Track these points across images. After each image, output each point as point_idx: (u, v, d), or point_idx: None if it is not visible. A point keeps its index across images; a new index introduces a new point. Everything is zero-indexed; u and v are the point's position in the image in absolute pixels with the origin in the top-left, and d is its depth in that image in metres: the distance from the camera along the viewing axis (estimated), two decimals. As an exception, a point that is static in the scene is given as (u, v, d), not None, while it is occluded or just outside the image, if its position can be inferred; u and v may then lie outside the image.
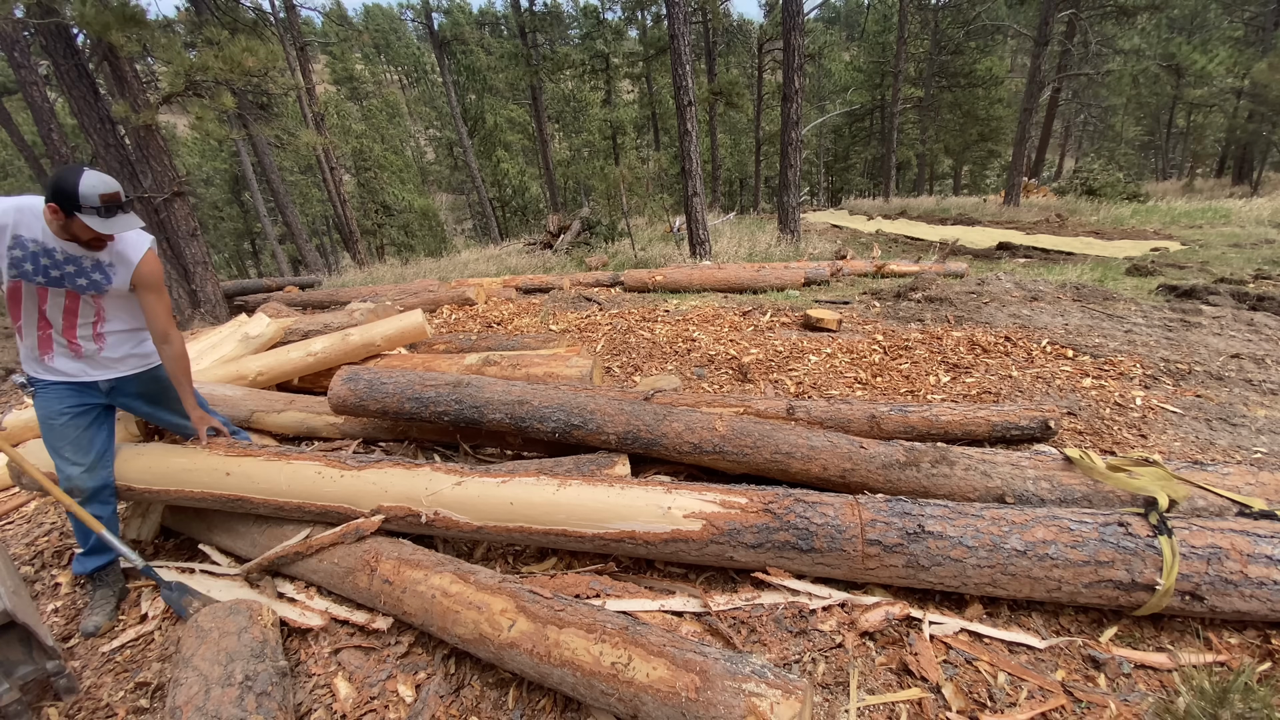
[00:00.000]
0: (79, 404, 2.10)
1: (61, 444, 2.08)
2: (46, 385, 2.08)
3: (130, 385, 2.21)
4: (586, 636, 1.45)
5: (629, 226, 12.18)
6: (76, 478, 2.08)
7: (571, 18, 30.70)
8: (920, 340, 4.06)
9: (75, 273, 1.96)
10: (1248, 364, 3.36)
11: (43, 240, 1.90)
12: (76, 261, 1.96)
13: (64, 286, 1.97)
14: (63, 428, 2.07)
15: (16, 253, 1.89)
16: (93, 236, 1.89)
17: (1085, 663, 1.55)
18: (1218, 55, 16.27)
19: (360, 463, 2.12)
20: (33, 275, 1.91)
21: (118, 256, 2.02)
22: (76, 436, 2.09)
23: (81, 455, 2.09)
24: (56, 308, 2.00)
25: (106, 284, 2.02)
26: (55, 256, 1.93)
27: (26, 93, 8.51)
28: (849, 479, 2.09)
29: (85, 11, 5.71)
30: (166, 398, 2.30)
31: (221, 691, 1.51)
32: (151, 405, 2.30)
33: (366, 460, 2.15)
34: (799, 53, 10.25)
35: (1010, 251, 10.58)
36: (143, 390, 2.25)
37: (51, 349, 2.04)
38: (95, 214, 1.82)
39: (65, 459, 2.08)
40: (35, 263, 1.91)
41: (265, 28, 12.90)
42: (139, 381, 2.23)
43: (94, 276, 1.99)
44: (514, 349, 3.92)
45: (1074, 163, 29.91)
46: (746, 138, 31.39)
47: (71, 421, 2.08)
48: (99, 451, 2.14)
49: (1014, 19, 23.38)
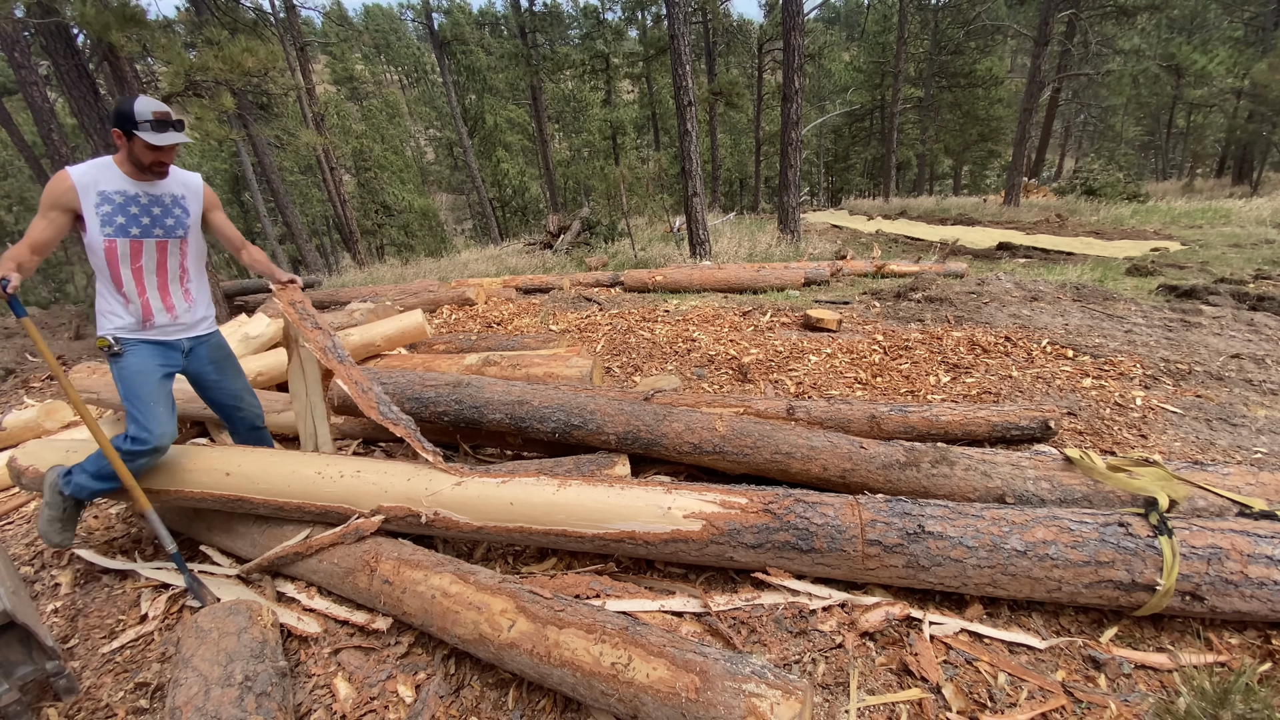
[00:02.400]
0: (167, 365, 2.19)
1: (154, 402, 2.14)
2: (138, 343, 2.14)
3: (203, 349, 2.32)
4: (586, 637, 1.45)
5: (629, 226, 12.18)
6: (167, 435, 2.15)
7: (571, 18, 30.69)
8: (920, 340, 4.06)
9: (161, 214, 2.10)
10: (1248, 364, 3.35)
11: (123, 188, 2.03)
12: (159, 201, 2.09)
13: (155, 235, 2.09)
14: (157, 386, 2.15)
15: (105, 208, 2.01)
16: (153, 159, 1.99)
17: (1085, 663, 1.55)
18: (1218, 55, 16.26)
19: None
20: (127, 227, 2.03)
21: (183, 185, 2.17)
22: (166, 395, 2.18)
23: (168, 412, 2.18)
24: (151, 264, 2.11)
25: (187, 217, 2.17)
26: (140, 201, 2.06)
27: (26, 93, 8.51)
28: (849, 479, 2.09)
29: (85, 11, 5.71)
30: (229, 365, 2.43)
31: (221, 692, 1.51)
32: (219, 373, 2.39)
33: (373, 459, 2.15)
34: (799, 53, 10.25)
35: (1010, 251, 10.58)
36: (212, 356, 2.36)
37: (150, 310, 2.14)
38: (149, 127, 1.93)
39: (156, 417, 2.13)
40: (125, 213, 2.03)
41: (265, 28, 12.89)
42: (209, 346, 2.35)
43: (176, 212, 2.14)
44: (514, 349, 3.92)
45: (1074, 163, 29.92)
46: (746, 138, 31.39)
47: (163, 380, 2.17)
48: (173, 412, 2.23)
49: (1014, 19, 23.38)
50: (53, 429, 3.62)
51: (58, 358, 7.02)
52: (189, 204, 2.18)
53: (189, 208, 2.18)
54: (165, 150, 2.01)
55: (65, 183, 1.97)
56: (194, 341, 2.29)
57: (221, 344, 2.42)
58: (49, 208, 1.98)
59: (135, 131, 1.93)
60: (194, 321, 2.27)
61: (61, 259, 21.73)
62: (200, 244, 2.27)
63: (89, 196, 2.00)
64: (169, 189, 2.13)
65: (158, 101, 1.99)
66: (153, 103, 1.96)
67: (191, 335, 2.27)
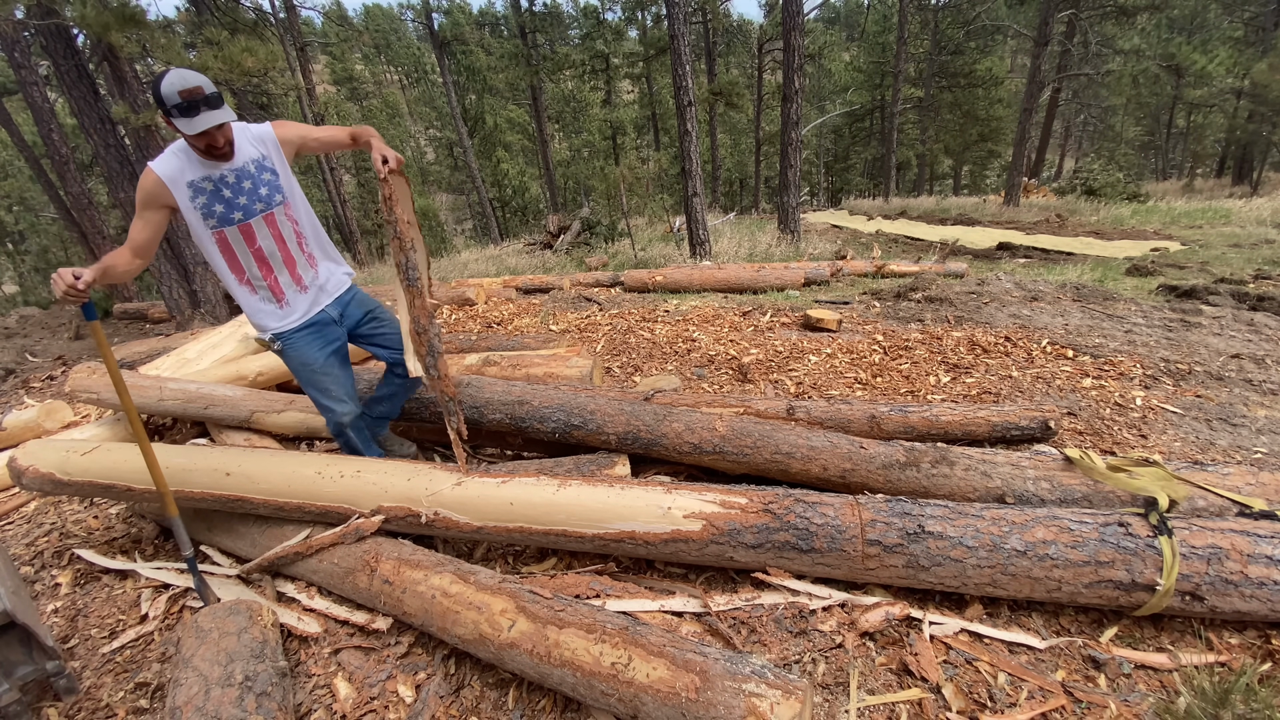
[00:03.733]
0: (327, 345, 2.17)
1: (328, 385, 2.18)
2: (292, 335, 2.10)
3: (354, 311, 2.26)
4: (586, 637, 1.45)
5: (629, 227, 12.18)
6: (347, 413, 2.21)
7: (571, 18, 30.71)
8: (920, 340, 4.06)
9: (253, 187, 1.93)
10: (1248, 364, 3.35)
11: (207, 173, 1.87)
12: (245, 174, 1.92)
13: (258, 211, 1.94)
14: (324, 370, 2.16)
15: (200, 199, 1.87)
16: (206, 144, 1.79)
17: (1085, 663, 1.55)
18: (1218, 55, 16.27)
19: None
20: (229, 215, 1.90)
21: (259, 142, 1.96)
22: (338, 375, 2.20)
23: (345, 393, 2.22)
24: (268, 242, 1.99)
25: (277, 179, 1.98)
26: (229, 182, 1.89)
27: (26, 93, 8.52)
28: (849, 479, 2.09)
29: (85, 12, 5.71)
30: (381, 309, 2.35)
31: (221, 692, 1.51)
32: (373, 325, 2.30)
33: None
34: (799, 53, 10.25)
35: (1010, 252, 10.58)
36: (363, 314, 2.28)
37: (283, 293, 2.06)
38: (179, 113, 1.72)
39: (334, 399, 2.20)
40: (220, 199, 1.88)
41: (265, 28, 12.89)
42: (356, 304, 2.27)
43: (265, 178, 1.95)
44: (514, 349, 3.91)
45: (1074, 163, 29.91)
46: (746, 138, 31.37)
47: (329, 361, 2.17)
48: (352, 384, 2.28)
49: (1014, 19, 23.38)
50: (53, 429, 3.62)
51: (57, 358, 7.02)
52: (273, 162, 1.97)
53: (275, 168, 1.98)
54: (210, 134, 1.77)
55: (151, 178, 1.83)
56: (340, 305, 2.21)
57: (363, 300, 2.31)
58: (143, 207, 1.86)
59: (170, 118, 1.74)
60: (326, 283, 2.16)
61: (62, 259, 21.74)
62: (302, 199, 2.09)
63: (180, 191, 1.85)
64: (246, 155, 1.92)
65: (187, 74, 1.71)
66: (180, 78, 1.70)
67: (333, 298, 2.18)
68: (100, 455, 2.28)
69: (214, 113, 1.75)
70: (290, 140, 2.03)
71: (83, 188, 9.72)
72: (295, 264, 2.07)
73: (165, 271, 7.32)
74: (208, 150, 1.83)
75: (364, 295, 2.34)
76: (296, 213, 2.06)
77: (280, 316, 2.09)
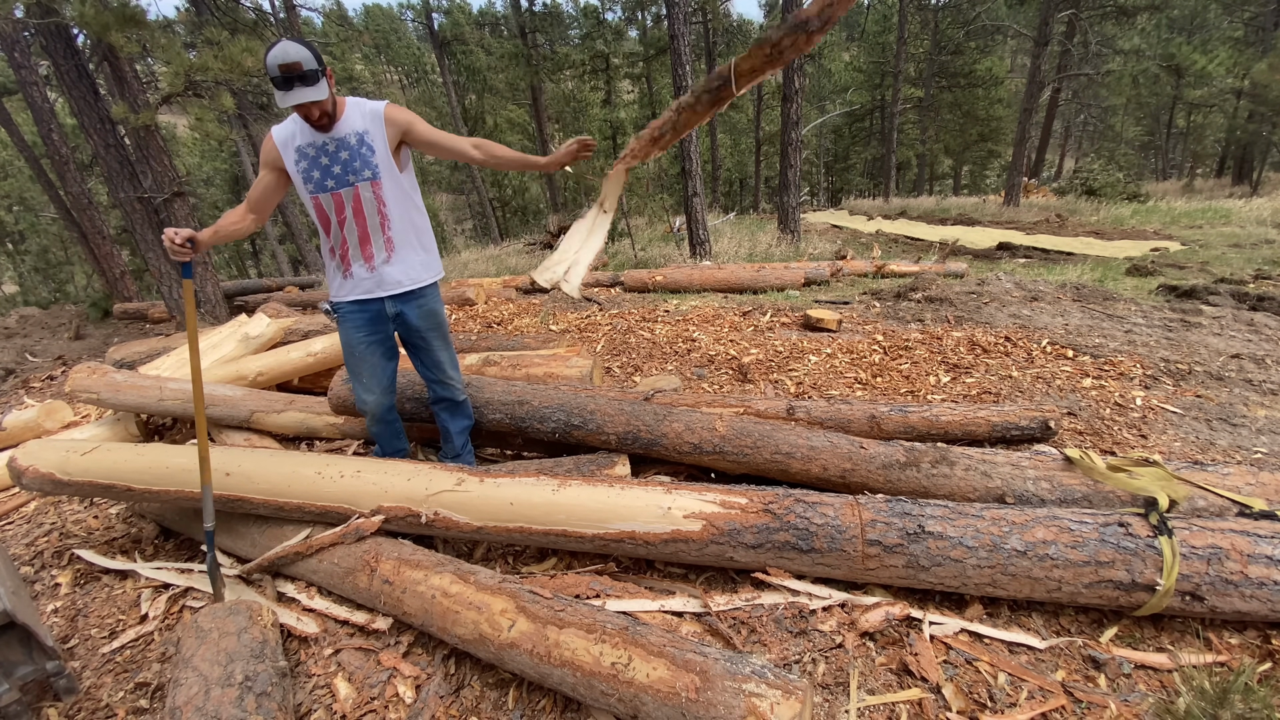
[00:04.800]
0: (373, 334, 2.20)
1: (360, 370, 2.25)
2: (345, 313, 2.17)
3: (413, 315, 2.21)
4: (586, 637, 1.45)
5: (629, 226, 12.18)
6: (371, 402, 2.28)
7: (571, 18, 30.66)
8: (920, 340, 4.06)
9: (349, 158, 1.97)
10: (1248, 364, 3.35)
11: (311, 139, 1.95)
12: (345, 144, 1.96)
13: (348, 182, 1.99)
14: (361, 356, 2.22)
15: (303, 164, 1.97)
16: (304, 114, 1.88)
17: (1085, 663, 1.55)
18: (1218, 55, 16.28)
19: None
20: (323, 181, 1.97)
21: (366, 117, 1.99)
22: (374, 364, 2.24)
23: (375, 383, 2.27)
24: (351, 216, 2.03)
25: (373, 155, 1.99)
26: (328, 150, 1.96)
27: (26, 93, 8.52)
28: (849, 479, 2.09)
29: (85, 12, 5.70)
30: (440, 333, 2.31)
31: (221, 692, 1.50)
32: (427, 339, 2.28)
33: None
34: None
35: (1010, 252, 10.58)
36: (424, 320, 2.24)
37: (350, 266, 2.10)
38: (275, 86, 1.79)
39: (362, 384, 2.27)
40: (318, 165, 1.97)
41: (265, 28, 12.88)
42: (420, 312, 2.22)
43: (362, 151, 1.98)
44: (514, 349, 3.91)
45: (1074, 163, 29.90)
46: (746, 138, 31.36)
47: (368, 349, 2.21)
48: (388, 379, 2.32)
49: (1014, 19, 23.38)
50: (53, 429, 3.62)
51: (57, 358, 7.02)
52: (374, 139, 1.99)
53: (374, 144, 1.99)
54: (304, 106, 1.84)
55: (269, 141, 1.98)
56: (399, 303, 2.17)
57: (434, 311, 2.25)
58: (263, 166, 2.00)
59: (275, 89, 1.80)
60: (395, 278, 2.13)
61: (62, 259, 21.74)
62: (401, 184, 2.08)
63: (289, 154, 1.96)
64: (351, 127, 1.96)
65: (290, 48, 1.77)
66: (281, 53, 1.77)
67: (394, 294, 2.14)
68: (100, 455, 2.28)
69: (306, 89, 1.81)
70: (397, 122, 2.04)
71: (83, 188, 9.72)
72: (370, 242, 2.08)
73: (165, 271, 7.31)
74: (307, 119, 1.92)
75: (434, 310, 2.27)
76: (386, 193, 2.05)
77: (340, 287, 2.16)
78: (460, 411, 2.48)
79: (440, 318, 2.30)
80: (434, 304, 2.28)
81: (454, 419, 2.48)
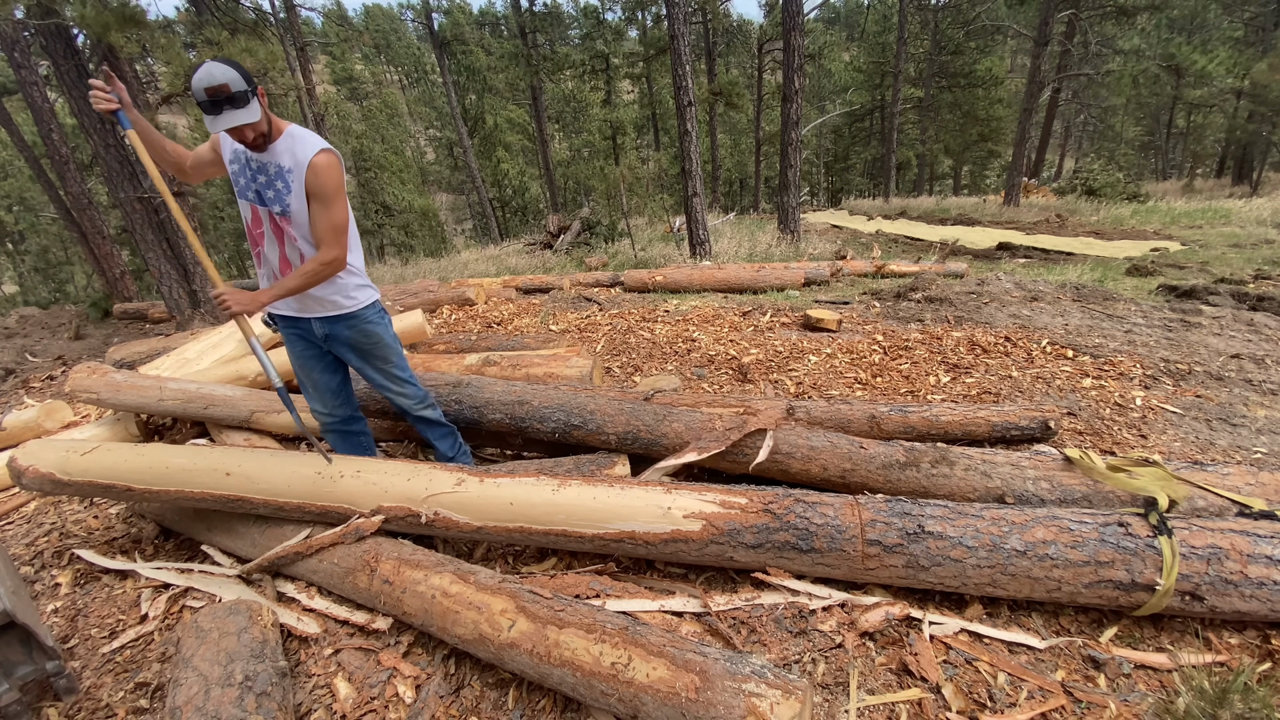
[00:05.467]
0: (307, 349, 2.18)
1: (304, 383, 2.24)
2: (280, 326, 2.15)
3: (343, 332, 2.10)
4: (586, 637, 1.45)
5: (629, 226, 12.18)
6: (319, 415, 2.30)
7: (571, 18, 30.69)
8: (920, 340, 4.06)
9: (265, 184, 1.89)
10: (1248, 364, 3.35)
11: (242, 149, 1.89)
12: (265, 169, 1.88)
13: (266, 203, 1.90)
14: (301, 368, 2.20)
15: (234, 167, 1.93)
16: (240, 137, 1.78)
17: (1085, 663, 1.55)
18: (1218, 55, 16.28)
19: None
20: (245, 191, 1.94)
21: (293, 157, 1.85)
22: (315, 378, 2.21)
23: (319, 396, 2.26)
24: (271, 233, 1.96)
25: (287, 194, 1.87)
26: (251, 166, 1.90)
27: (26, 93, 8.52)
28: (849, 479, 2.09)
29: (85, 12, 5.70)
30: (374, 355, 2.19)
31: (221, 692, 1.51)
32: (361, 359, 2.19)
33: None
34: (799, 53, 10.25)
35: (1010, 252, 10.58)
36: (354, 343, 2.13)
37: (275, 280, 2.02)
38: (204, 111, 1.70)
39: (309, 394, 2.27)
40: (245, 174, 1.92)
41: (265, 28, 12.87)
42: (350, 331, 2.10)
43: (277, 186, 1.88)
44: (514, 349, 3.91)
45: (1074, 163, 29.90)
46: (746, 138, 31.36)
47: (306, 362, 2.19)
48: (334, 392, 2.28)
49: (1014, 19, 23.36)
50: (53, 429, 3.62)
51: (57, 358, 7.02)
52: (293, 180, 1.87)
53: (291, 184, 1.87)
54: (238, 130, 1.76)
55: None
56: (327, 325, 2.08)
57: (367, 332, 2.12)
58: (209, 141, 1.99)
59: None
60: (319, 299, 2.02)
61: (62, 259, 21.73)
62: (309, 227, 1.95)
63: (227, 148, 1.93)
64: (277, 159, 1.86)
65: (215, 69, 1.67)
66: (206, 74, 1.67)
67: (319, 316, 2.06)
68: (100, 455, 2.28)
69: (237, 112, 1.72)
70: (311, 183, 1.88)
71: (83, 188, 9.72)
72: (289, 264, 2.01)
73: (165, 271, 7.31)
74: (241, 141, 1.82)
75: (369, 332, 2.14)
76: (295, 230, 1.95)
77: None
78: (427, 424, 2.41)
79: (376, 340, 2.16)
80: (368, 326, 2.13)
81: (426, 430, 2.44)
